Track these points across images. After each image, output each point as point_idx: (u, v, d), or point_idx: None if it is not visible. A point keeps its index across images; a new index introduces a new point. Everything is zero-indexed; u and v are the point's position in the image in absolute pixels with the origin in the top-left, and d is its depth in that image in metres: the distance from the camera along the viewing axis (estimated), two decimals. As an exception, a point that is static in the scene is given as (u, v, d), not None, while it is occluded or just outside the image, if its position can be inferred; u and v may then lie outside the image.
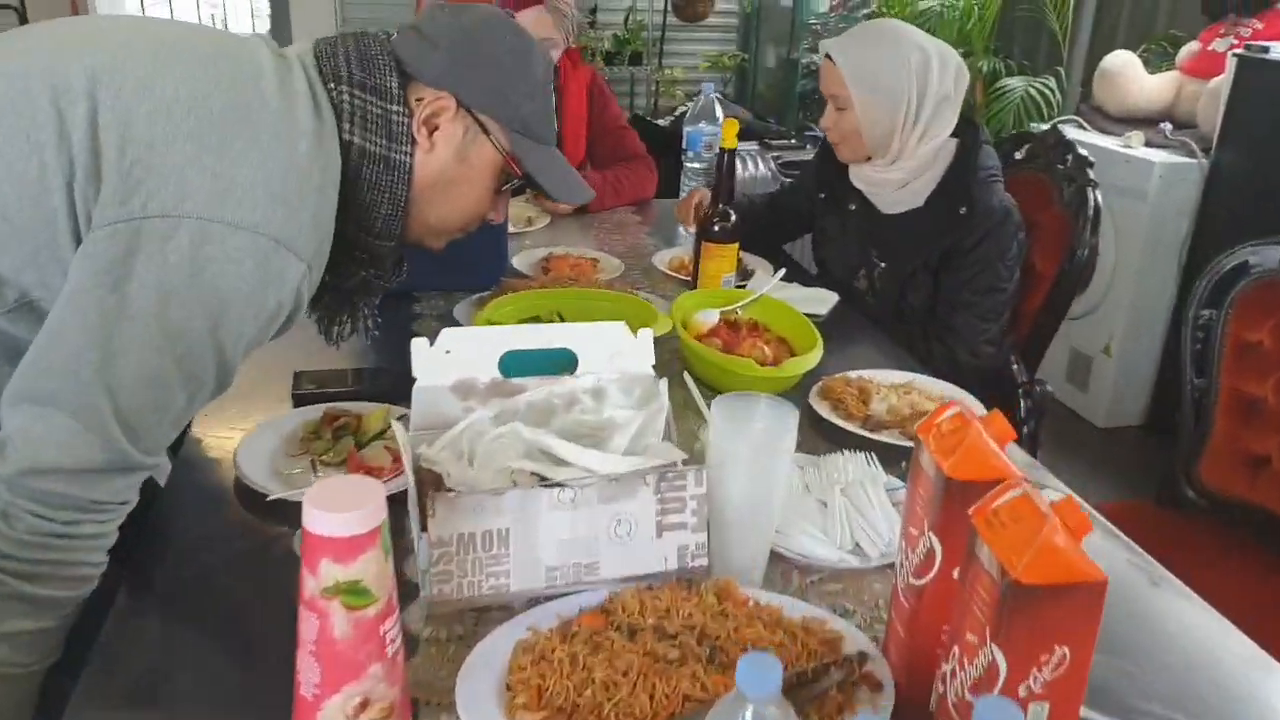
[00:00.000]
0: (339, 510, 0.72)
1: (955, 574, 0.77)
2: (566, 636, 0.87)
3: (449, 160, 1.11)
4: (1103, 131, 3.46)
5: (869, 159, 1.87)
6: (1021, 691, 0.67)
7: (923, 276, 1.86)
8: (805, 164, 2.16)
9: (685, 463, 0.99)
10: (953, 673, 0.73)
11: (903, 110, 1.77)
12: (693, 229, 2.12)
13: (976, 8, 4.05)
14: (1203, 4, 3.42)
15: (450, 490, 0.92)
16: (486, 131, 1.11)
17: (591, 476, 0.94)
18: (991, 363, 1.89)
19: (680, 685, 0.81)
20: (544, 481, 0.94)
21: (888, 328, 1.85)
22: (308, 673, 0.76)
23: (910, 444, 1.30)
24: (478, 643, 0.88)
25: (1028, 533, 0.67)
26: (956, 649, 0.72)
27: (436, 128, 1.09)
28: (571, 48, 2.54)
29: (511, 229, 2.22)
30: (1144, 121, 3.38)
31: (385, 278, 1.20)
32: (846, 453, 1.25)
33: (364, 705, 0.76)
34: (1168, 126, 3.26)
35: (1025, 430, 1.91)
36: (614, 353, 1.09)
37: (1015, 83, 3.79)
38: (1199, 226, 3.13)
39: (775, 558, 1.04)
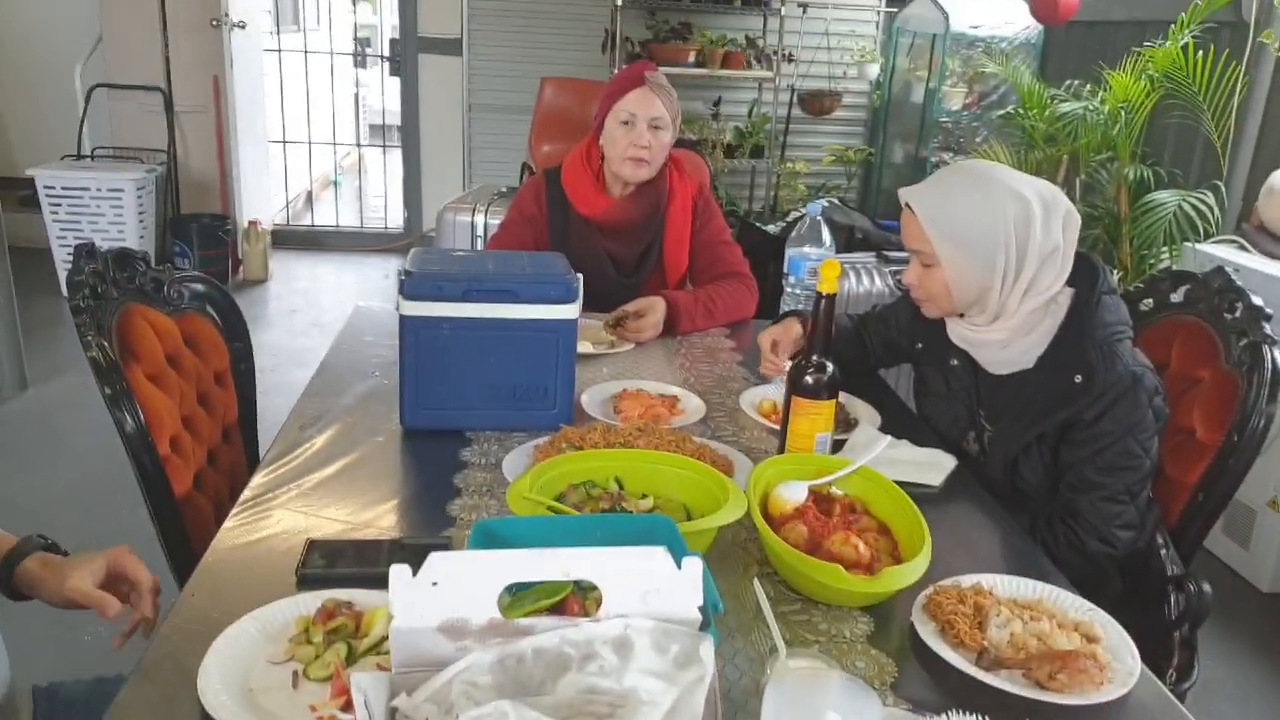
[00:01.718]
0: None
1: None
2: None
3: None
4: (1269, 255, 3.07)
5: (962, 315, 1.61)
6: None
7: (1038, 450, 1.57)
8: (901, 299, 1.90)
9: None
10: None
11: (999, 270, 1.51)
12: (771, 372, 1.90)
13: (1124, 112, 3.72)
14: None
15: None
16: None
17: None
18: (1129, 550, 1.57)
19: None
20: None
21: (1005, 501, 1.57)
22: None
23: (1032, 694, 1.03)
24: None
25: None
26: None
27: None
28: (680, 160, 2.38)
29: (592, 349, 2.04)
30: (1318, 244, 2.99)
31: None
32: (953, 716, 0.98)
33: None
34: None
35: (1177, 635, 1.58)
36: (650, 589, 0.87)
37: (1167, 196, 3.43)
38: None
39: None
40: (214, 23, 5.40)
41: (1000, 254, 1.52)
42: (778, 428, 1.65)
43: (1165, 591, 1.62)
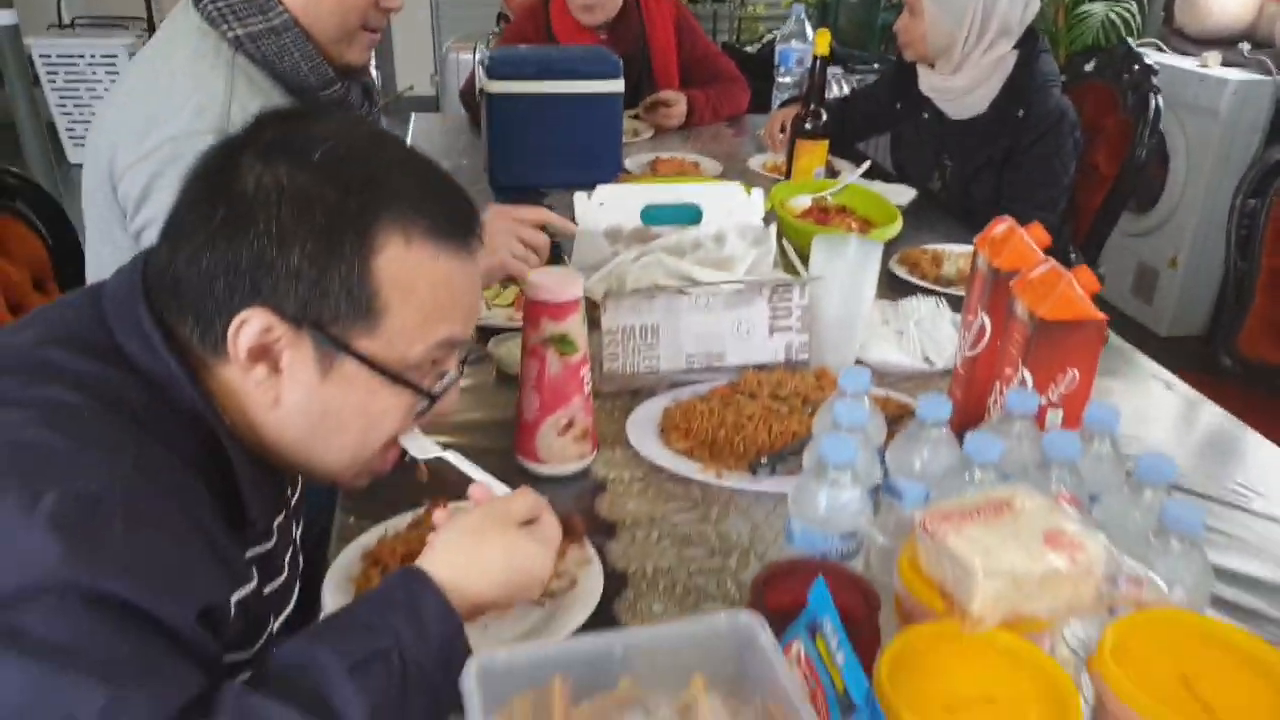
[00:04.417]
0: (555, 284, 1.02)
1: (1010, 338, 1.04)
2: (705, 399, 1.17)
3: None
4: (1181, 53, 3.57)
5: (932, 66, 2.09)
6: (1045, 399, 0.95)
7: (987, 174, 2.09)
8: (882, 74, 2.38)
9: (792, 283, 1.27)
10: (995, 400, 1.00)
11: (966, 25, 1.98)
12: (779, 148, 2.37)
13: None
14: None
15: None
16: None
17: (719, 288, 1.23)
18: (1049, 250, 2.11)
19: (790, 426, 1.10)
20: (683, 290, 1.23)
21: (958, 220, 2.09)
22: (529, 403, 1.07)
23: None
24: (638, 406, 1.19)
25: (1050, 288, 0.94)
26: (998, 383, 1.00)
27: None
28: None
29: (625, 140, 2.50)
30: (1224, 43, 3.48)
31: None
32: (919, 296, 1.52)
33: (568, 426, 1.07)
34: (1246, 46, 3.36)
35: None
36: (731, 208, 1.38)
37: (1096, 7, 3.89)
38: (1270, 142, 3.25)
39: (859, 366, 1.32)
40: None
41: (968, 14, 1.98)
42: (780, 178, 2.14)
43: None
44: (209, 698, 0.60)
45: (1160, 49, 3.63)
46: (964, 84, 2.07)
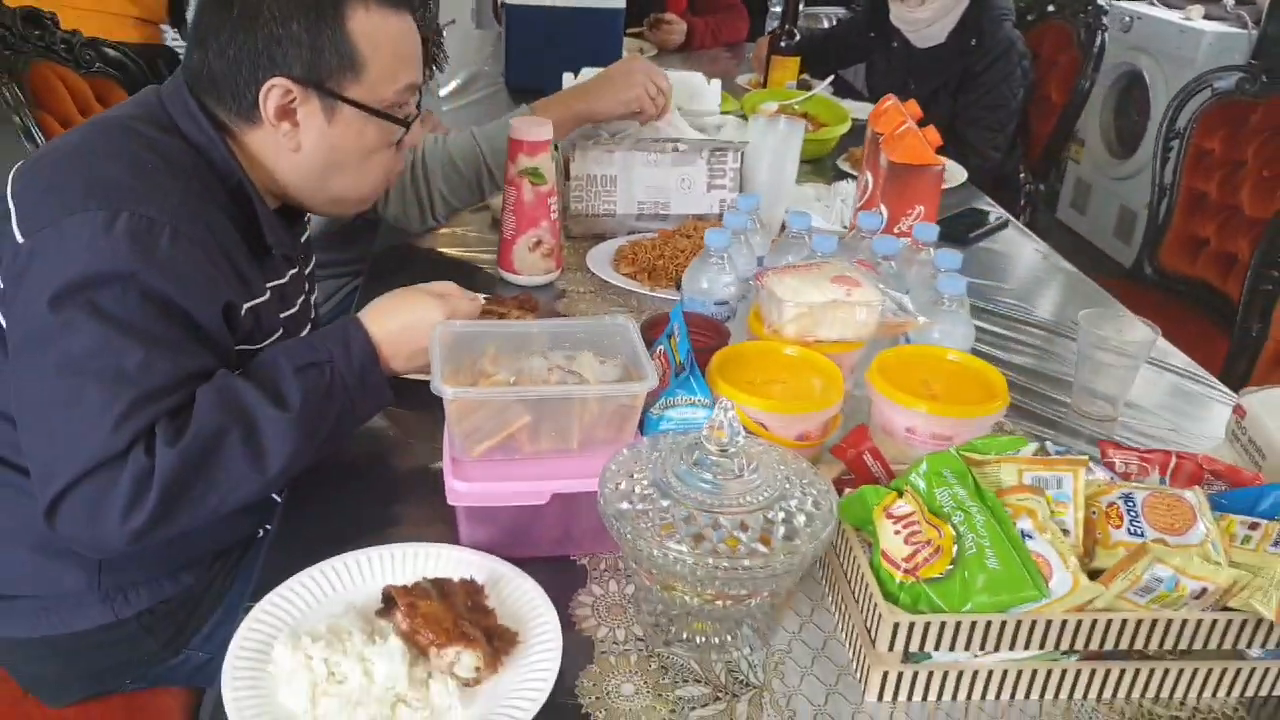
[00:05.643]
0: (530, 127, 1.32)
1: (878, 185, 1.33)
2: (651, 240, 1.47)
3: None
4: (1169, 6, 3.76)
5: (902, 1, 2.34)
6: (896, 230, 1.24)
7: (943, 96, 2.35)
8: (858, 9, 2.63)
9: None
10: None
11: None
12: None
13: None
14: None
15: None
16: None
17: (666, 146, 1.52)
18: (1000, 168, 2.38)
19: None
20: (636, 148, 1.52)
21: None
22: (507, 223, 1.37)
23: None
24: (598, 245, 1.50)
25: (902, 140, 1.22)
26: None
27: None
28: None
29: (626, 54, 2.77)
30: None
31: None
32: (849, 181, 1.80)
33: (538, 244, 1.38)
34: (1230, 2, 3.55)
35: (1022, 219, 2.41)
36: (692, 92, 1.66)
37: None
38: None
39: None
40: None
41: None
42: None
43: (1020, 195, 2.45)
44: (211, 372, 0.88)
45: (1151, 3, 3.82)
46: (927, 16, 2.32)
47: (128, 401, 0.83)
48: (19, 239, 0.87)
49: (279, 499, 1.00)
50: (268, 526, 1.09)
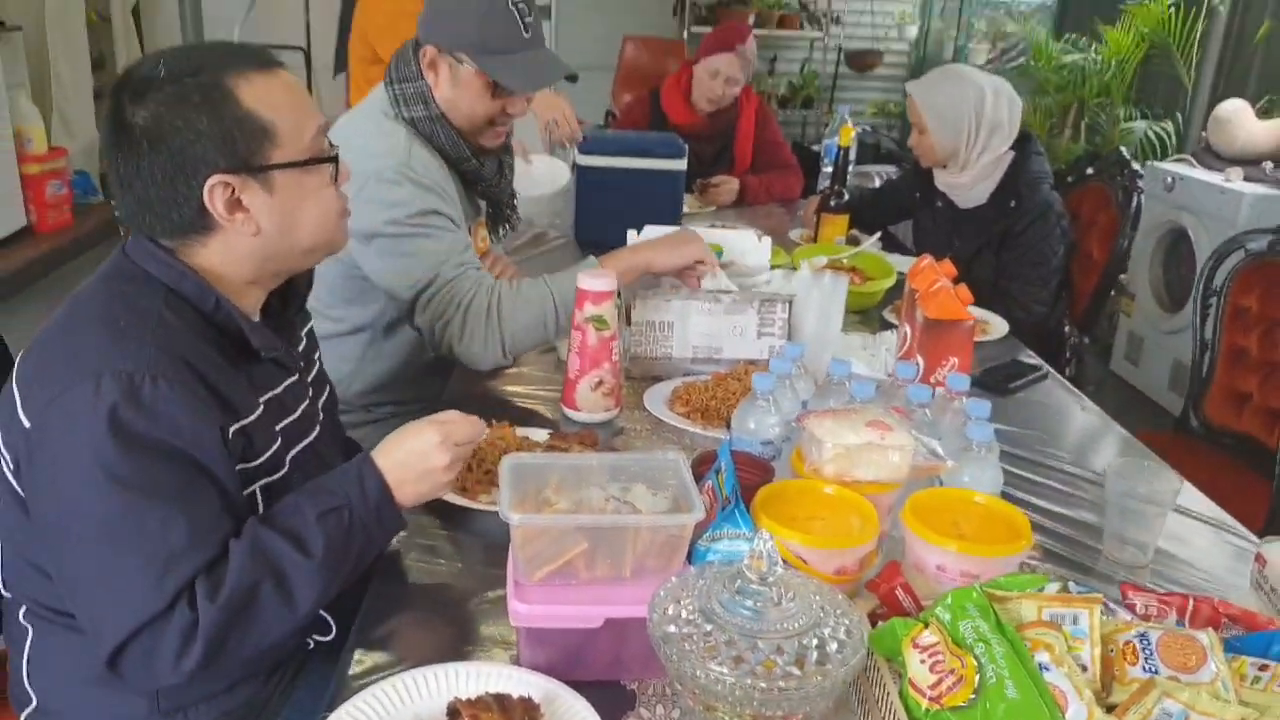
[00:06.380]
0: (596, 280, 1.46)
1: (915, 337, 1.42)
2: (705, 381, 1.58)
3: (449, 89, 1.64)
4: (1209, 168, 3.89)
5: (944, 166, 2.50)
6: (932, 380, 1.33)
7: (987, 253, 2.46)
8: (905, 170, 2.80)
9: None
10: (902, 382, 1.39)
11: (964, 136, 2.39)
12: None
13: (1114, 62, 4.53)
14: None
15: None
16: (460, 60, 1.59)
17: (720, 298, 1.64)
18: (1043, 321, 2.47)
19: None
20: (692, 297, 1.64)
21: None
22: (572, 364, 1.49)
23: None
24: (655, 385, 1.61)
25: (936, 297, 1.33)
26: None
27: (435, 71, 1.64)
28: (748, 85, 3.28)
29: (685, 211, 2.96)
30: (1252, 162, 3.79)
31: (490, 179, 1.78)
32: (894, 332, 1.90)
33: (599, 384, 1.49)
34: (1269, 165, 3.67)
35: (1067, 372, 2.47)
36: (745, 249, 1.80)
37: (1137, 125, 4.25)
38: None
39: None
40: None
41: (964, 127, 2.39)
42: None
43: (1064, 348, 2.52)
44: (222, 509, 0.97)
45: (1192, 165, 3.96)
46: (968, 180, 2.47)
47: (161, 561, 0.92)
48: (25, 424, 0.96)
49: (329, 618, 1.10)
50: (317, 638, 1.17)
